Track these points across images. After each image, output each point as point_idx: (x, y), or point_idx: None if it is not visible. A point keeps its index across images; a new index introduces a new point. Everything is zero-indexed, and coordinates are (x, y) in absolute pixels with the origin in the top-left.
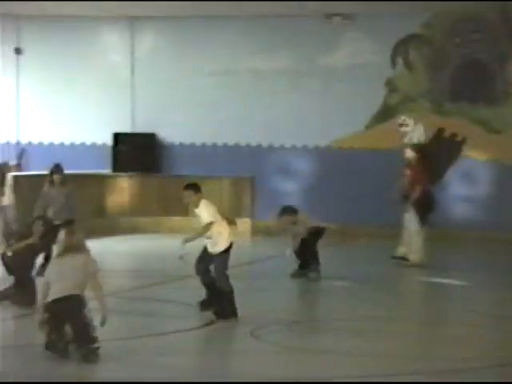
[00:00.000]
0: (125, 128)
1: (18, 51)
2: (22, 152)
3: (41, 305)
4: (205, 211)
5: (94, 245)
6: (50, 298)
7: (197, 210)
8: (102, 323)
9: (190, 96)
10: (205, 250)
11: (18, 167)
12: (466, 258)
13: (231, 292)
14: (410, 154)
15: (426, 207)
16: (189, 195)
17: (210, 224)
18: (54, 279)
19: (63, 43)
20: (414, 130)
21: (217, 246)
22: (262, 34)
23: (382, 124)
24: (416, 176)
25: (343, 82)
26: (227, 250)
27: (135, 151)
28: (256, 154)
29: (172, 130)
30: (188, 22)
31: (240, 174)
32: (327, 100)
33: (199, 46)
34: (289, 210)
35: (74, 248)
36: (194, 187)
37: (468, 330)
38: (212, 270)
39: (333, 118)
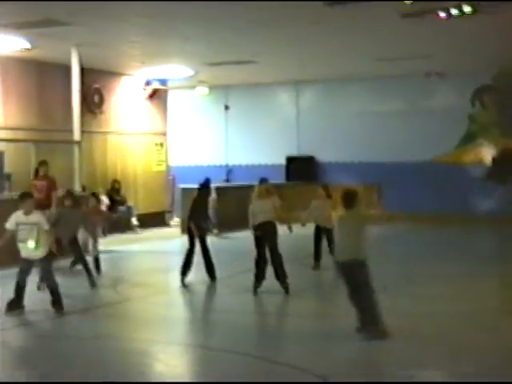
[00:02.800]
0: (293, 153)
1: (226, 108)
2: (230, 171)
3: None
4: None
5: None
6: None
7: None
8: None
9: (336, 130)
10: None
11: (227, 181)
12: None
13: None
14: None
15: None
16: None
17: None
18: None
19: (254, 100)
20: (488, 149)
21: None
22: (381, 88)
23: (465, 146)
24: None
25: (438, 118)
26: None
27: (300, 168)
28: (381, 168)
29: (324, 153)
30: (333, 82)
31: (370, 182)
32: (427, 130)
33: (341, 98)
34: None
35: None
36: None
37: None
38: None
39: (431, 142)
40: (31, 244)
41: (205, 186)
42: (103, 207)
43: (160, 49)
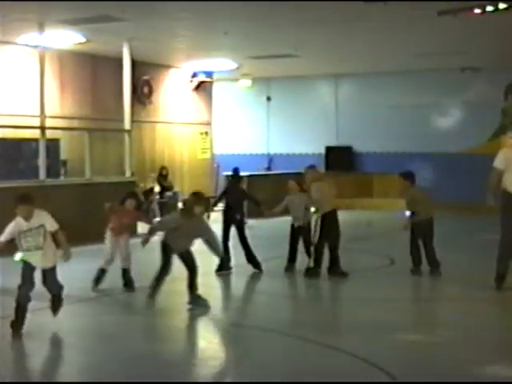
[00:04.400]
0: (332, 143)
1: (268, 99)
2: (271, 160)
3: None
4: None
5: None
6: None
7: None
8: None
9: (373, 121)
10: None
11: (268, 170)
12: None
13: None
14: None
15: None
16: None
17: None
18: None
19: (295, 92)
20: None
21: None
22: (417, 81)
23: (498, 138)
24: None
25: (472, 111)
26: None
27: (338, 157)
28: (416, 158)
29: (362, 143)
30: (370, 76)
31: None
32: (463, 122)
33: (378, 90)
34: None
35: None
36: None
37: None
38: None
39: (465, 134)
40: (17, 256)
41: (234, 175)
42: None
43: (205, 43)
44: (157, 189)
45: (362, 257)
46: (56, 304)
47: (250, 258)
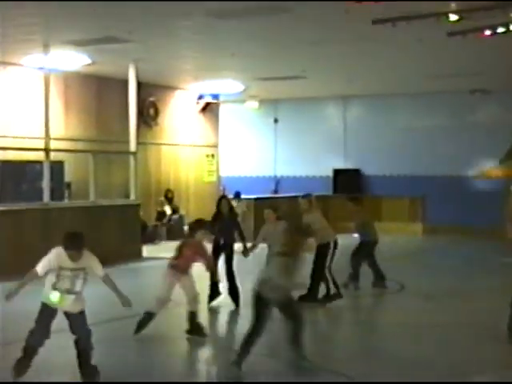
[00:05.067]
0: (340, 165)
1: (275, 121)
2: (278, 182)
3: None
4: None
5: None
6: None
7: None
8: None
9: (382, 143)
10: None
11: (275, 193)
12: None
13: None
14: None
15: None
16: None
17: None
18: None
19: (303, 114)
20: None
21: None
22: (426, 103)
23: (510, 161)
24: None
25: (483, 133)
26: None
27: (347, 180)
28: (426, 181)
29: (370, 166)
30: (379, 97)
31: (414, 194)
32: (472, 145)
33: (387, 112)
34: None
35: None
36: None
37: None
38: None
39: (476, 157)
40: (55, 297)
41: (224, 196)
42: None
43: (212, 64)
44: (168, 211)
45: (369, 282)
46: (84, 354)
47: (232, 290)
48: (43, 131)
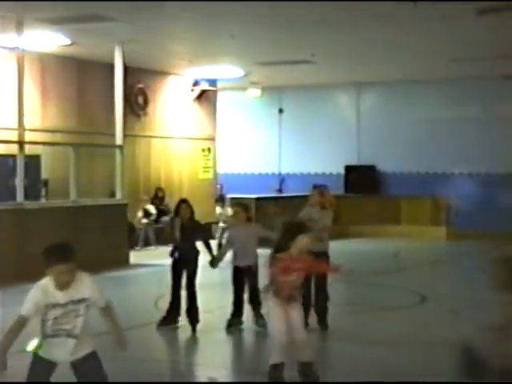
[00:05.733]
0: (353, 161)
1: (280, 111)
2: (283, 180)
3: None
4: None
5: (331, 245)
6: None
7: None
8: None
9: (401, 137)
10: None
11: (280, 191)
12: None
13: None
14: None
15: None
16: None
17: None
18: None
19: (311, 103)
20: None
21: None
22: (452, 91)
23: None
24: None
25: None
26: None
27: (360, 178)
28: (451, 180)
29: (387, 162)
30: (398, 84)
31: (438, 196)
32: (503, 139)
33: (407, 101)
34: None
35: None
36: None
37: None
38: None
39: (507, 152)
40: (31, 346)
41: (184, 200)
42: (146, 218)
43: (209, 47)
44: (153, 210)
45: (386, 293)
46: None
47: (190, 311)
48: (16, 121)
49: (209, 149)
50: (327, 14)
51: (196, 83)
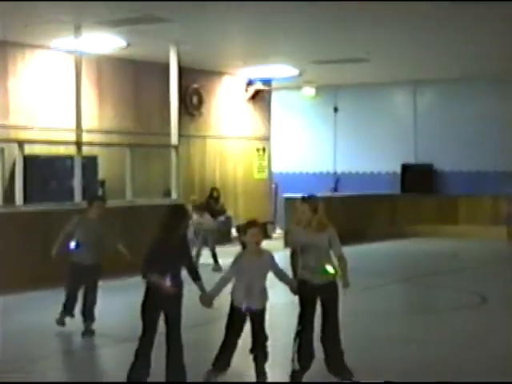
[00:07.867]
0: (409, 160)
1: (335, 110)
2: (338, 180)
3: None
4: None
5: (387, 245)
6: None
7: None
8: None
9: (459, 135)
10: None
11: (335, 191)
12: None
13: None
14: None
15: None
16: None
17: None
18: None
19: (367, 101)
20: None
21: None
22: (496, 89)
23: None
24: None
25: None
26: None
27: (417, 177)
28: (508, 177)
29: (444, 161)
30: (456, 82)
31: (497, 193)
32: None
33: (465, 99)
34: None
35: None
36: None
37: None
38: None
39: None
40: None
41: (178, 207)
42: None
43: (263, 47)
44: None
45: (444, 294)
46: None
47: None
48: (74, 122)
49: (263, 149)
50: (382, 12)
51: (250, 83)
